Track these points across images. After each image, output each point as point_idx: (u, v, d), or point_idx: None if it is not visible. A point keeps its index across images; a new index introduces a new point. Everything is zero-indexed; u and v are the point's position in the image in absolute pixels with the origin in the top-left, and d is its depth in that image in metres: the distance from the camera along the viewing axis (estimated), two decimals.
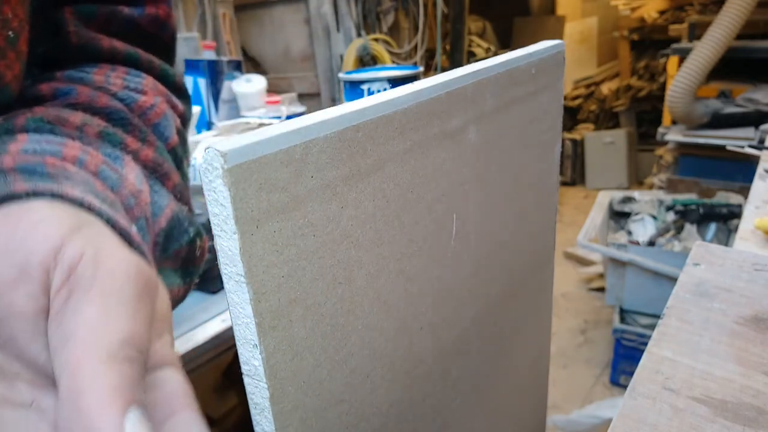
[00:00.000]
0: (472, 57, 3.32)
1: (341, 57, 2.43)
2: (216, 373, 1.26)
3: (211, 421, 1.22)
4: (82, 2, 0.36)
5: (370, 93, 1.16)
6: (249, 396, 0.23)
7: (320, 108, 0.37)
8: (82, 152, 0.29)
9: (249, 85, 1.59)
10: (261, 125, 1.33)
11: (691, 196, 2.20)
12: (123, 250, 0.23)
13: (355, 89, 1.16)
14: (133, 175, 0.32)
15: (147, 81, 0.38)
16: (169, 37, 0.42)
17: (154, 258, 0.32)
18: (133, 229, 0.27)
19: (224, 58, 1.71)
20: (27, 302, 0.21)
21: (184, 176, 0.40)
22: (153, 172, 0.34)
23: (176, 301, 0.37)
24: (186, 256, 0.36)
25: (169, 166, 0.36)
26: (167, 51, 0.42)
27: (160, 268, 0.34)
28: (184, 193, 0.37)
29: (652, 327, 0.52)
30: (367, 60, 2.40)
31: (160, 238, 0.33)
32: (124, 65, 0.38)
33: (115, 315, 0.20)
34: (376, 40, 2.48)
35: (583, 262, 2.70)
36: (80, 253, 0.21)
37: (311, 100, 2.54)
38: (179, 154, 0.39)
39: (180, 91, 0.42)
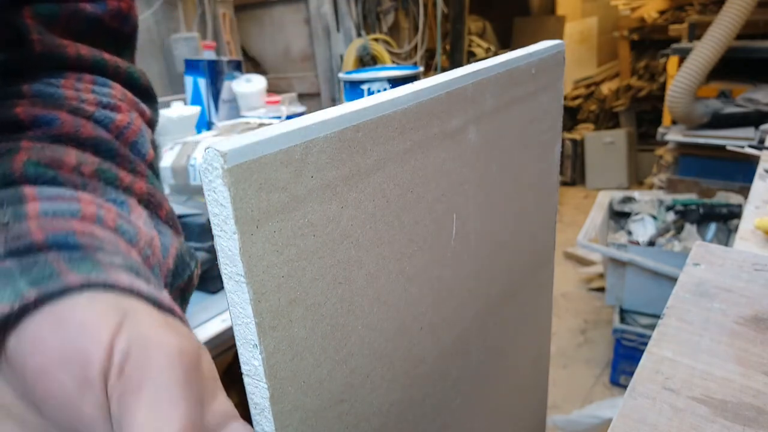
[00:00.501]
0: (472, 57, 3.31)
1: (341, 57, 2.43)
2: None
3: None
4: (40, 1, 0.35)
5: (370, 93, 1.16)
6: (249, 396, 0.23)
7: (320, 108, 0.37)
8: (98, 208, 0.29)
9: (249, 85, 1.59)
10: (261, 125, 1.33)
11: (691, 196, 2.20)
12: (164, 335, 0.23)
13: (355, 89, 1.16)
14: (142, 221, 0.32)
15: (115, 90, 0.37)
16: (131, 30, 0.40)
17: None
18: (172, 302, 0.28)
19: (224, 58, 1.71)
20: (94, 410, 0.21)
21: (160, 188, 0.39)
22: (147, 204, 0.34)
23: None
24: (185, 287, 0.36)
25: (161, 195, 0.36)
26: (128, 43, 0.41)
27: None
28: (174, 220, 0.37)
29: (652, 327, 0.52)
30: (367, 60, 2.40)
31: (168, 278, 0.33)
32: (90, 72, 0.37)
33: (167, 410, 0.21)
34: (376, 40, 2.47)
35: (583, 262, 2.70)
36: (127, 351, 0.22)
37: (311, 100, 2.54)
38: (156, 167, 0.39)
39: (147, 94, 0.41)
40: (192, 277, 0.37)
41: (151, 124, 0.41)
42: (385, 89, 1.11)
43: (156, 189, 0.35)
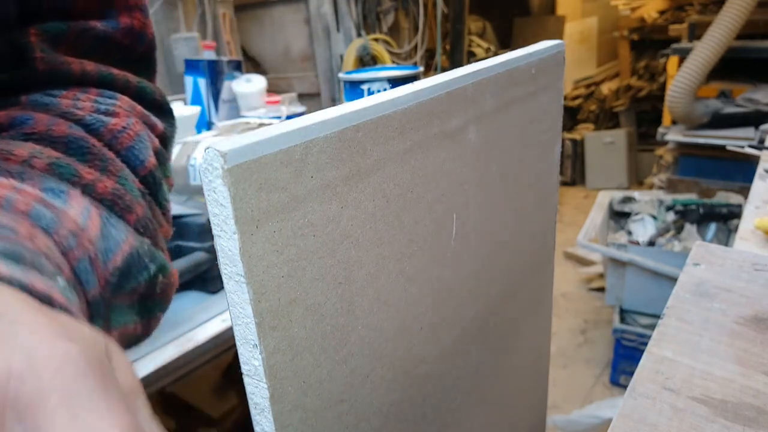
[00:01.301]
0: (472, 57, 3.31)
1: (341, 57, 2.43)
2: (216, 373, 1.26)
3: (211, 421, 1.22)
4: (49, 19, 0.34)
5: (370, 93, 1.16)
6: (249, 396, 0.23)
7: (320, 108, 0.37)
8: (12, 191, 0.27)
9: (249, 85, 1.59)
10: (261, 125, 1.33)
11: (691, 196, 2.20)
12: (57, 341, 0.18)
13: (355, 89, 1.16)
14: (76, 210, 0.29)
15: (121, 102, 0.36)
16: (146, 49, 0.39)
17: (104, 296, 0.30)
18: (55, 289, 0.24)
19: (224, 58, 1.71)
20: None
21: (163, 198, 0.38)
22: (112, 205, 0.32)
23: (136, 337, 0.34)
24: (144, 293, 0.33)
25: (132, 198, 0.33)
26: (145, 63, 0.40)
27: (111, 305, 0.31)
28: (148, 226, 0.35)
29: (652, 327, 0.52)
30: (367, 60, 2.40)
31: (113, 278, 0.30)
32: (97, 87, 0.36)
33: (93, 420, 0.16)
34: (376, 40, 2.47)
35: (583, 262, 2.70)
36: (5, 368, 0.17)
37: (311, 100, 2.54)
38: (157, 177, 0.37)
39: (160, 108, 0.40)
40: (155, 284, 0.34)
41: (164, 138, 0.39)
42: (385, 89, 1.11)
43: (127, 191, 0.33)
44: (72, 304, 0.25)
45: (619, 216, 2.22)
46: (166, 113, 0.41)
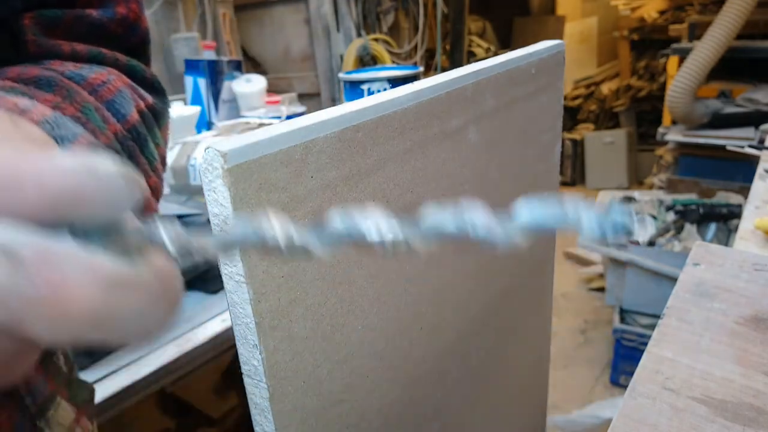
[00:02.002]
0: (472, 57, 3.31)
1: (341, 57, 2.43)
2: (216, 373, 1.26)
3: (211, 421, 1.22)
4: (46, 6, 0.34)
5: (370, 93, 1.16)
6: (249, 396, 0.23)
7: (320, 108, 0.37)
8: None
9: (249, 85, 1.59)
10: (261, 125, 1.33)
11: (691, 196, 2.20)
12: None
13: (355, 89, 1.16)
14: (18, 99, 0.28)
15: (109, 71, 0.36)
16: (138, 40, 0.39)
17: None
18: None
19: (224, 58, 1.71)
20: None
21: (150, 155, 0.37)
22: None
23: None
24: None
25: (95, 128, 0.33)
26: (137, 54, 0.40)
27: None
28: (117, 153, 0.34)
29: (652, 327, 0.52)
30: (367, 60, 2.40)
31: None
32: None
33: None
34: (376, 40, 2.47)
35: (583, 262, 2.70)
36: None
37: (311, 100, 2.54)
38: (142, 133, 0.36)
39: (151, 86, 0.40)
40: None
41: (156, 113, 0.40)
42: (385, 89, 1.11)
43: (89, 120, 0.32)
44: None
45: None
46: (157, 91, 0.41)
